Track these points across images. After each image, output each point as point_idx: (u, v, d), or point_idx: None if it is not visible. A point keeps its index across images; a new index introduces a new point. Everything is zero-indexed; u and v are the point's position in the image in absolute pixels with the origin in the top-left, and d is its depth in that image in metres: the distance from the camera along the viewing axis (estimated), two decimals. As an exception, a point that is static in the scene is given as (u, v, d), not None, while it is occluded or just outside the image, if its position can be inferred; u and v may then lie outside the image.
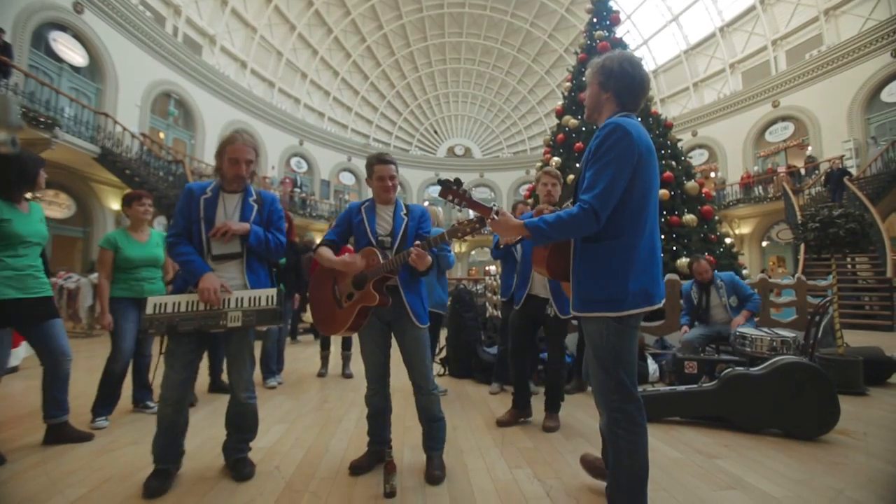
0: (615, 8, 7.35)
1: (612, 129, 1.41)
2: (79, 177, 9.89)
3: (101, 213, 10.52)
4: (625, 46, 6.79)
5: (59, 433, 2.37)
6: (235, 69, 16.33)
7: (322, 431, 2.66)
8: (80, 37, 10.33)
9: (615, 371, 1.47)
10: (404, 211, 2.12)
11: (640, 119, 2.00)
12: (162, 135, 12.91)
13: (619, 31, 7.16)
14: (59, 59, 9.91)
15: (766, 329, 3.38)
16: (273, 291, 1.97)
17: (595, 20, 7.15)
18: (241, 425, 2.07)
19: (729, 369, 2.76)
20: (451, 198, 1.56)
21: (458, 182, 1.57)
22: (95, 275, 6.34)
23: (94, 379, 2.76)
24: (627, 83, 1.51)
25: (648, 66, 17.96)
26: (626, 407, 1.46)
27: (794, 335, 3.13)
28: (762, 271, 12.33)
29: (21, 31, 8.77)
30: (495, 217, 1.50)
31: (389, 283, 1.98)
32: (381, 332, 2.07)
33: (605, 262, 1.44)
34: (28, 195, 2.39)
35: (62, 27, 9.96)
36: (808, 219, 3.73)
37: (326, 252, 2.03)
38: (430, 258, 1.90)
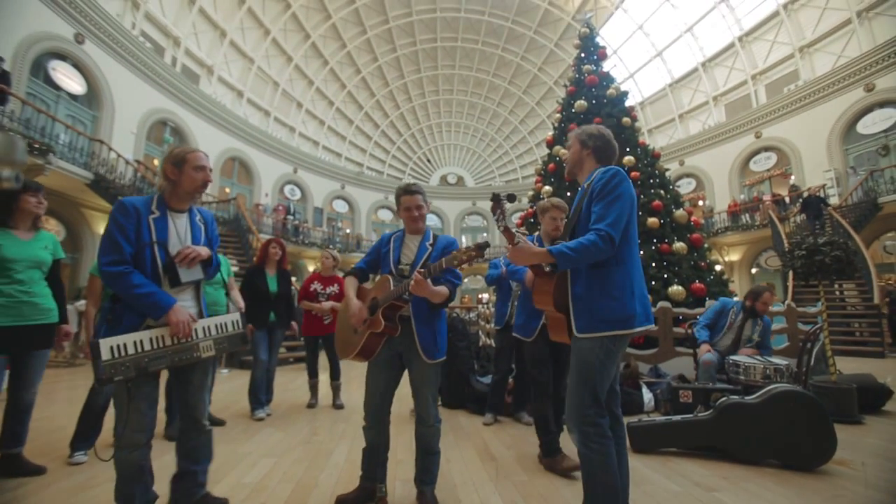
0: (602, 44, 7.66)
1: (615, 172, 1.66)
2: (70, 202, 9.84)
3: (91, 239, 10.41)
4: (612, 80, 7.04)
5: (10, 465, 2.27)
6: (232, 98, 16.60)
7: (311, 465, 2.58)
8: (79, 66, 10.49)
9: (594, 386, 1.60)
10: (430, 241, 2.12)
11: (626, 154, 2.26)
12: (156, 162, 12.95)
13: (606, 66, 7.43)
14: (57, 87, 10.02)
15: (758, 357, 3.38)
16: (236, 316, 1.91)
17: (583, 55, 7.42)
18: (203, 455, 1.89)
19: (724, 398, 2.74)
20: (497, 213, 1.65)
21: (512, 197, 1.63)
22: (82, 302, 6.21)
23: (74, 411, 2.67)
24: (603, 144, 1.80)
25: (635, 98, 18.58)
26: (599, 421, 1.60)
27: (786, 363, 3.13)
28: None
29: (21, 59, 8.89)
30: (520, 243, 1.62)
31: (402, 313, 1.97)
32: (388, 360, 2.03)
33: (615, 286, 1.61)
34: (49, 225, 2.37)
35: (62, 56, 10.11)
36: (794, 246, 3.81)
37: (348, 282, 2.12)
38: (442, 288, 1.92)
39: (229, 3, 15.48)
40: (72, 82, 10.37)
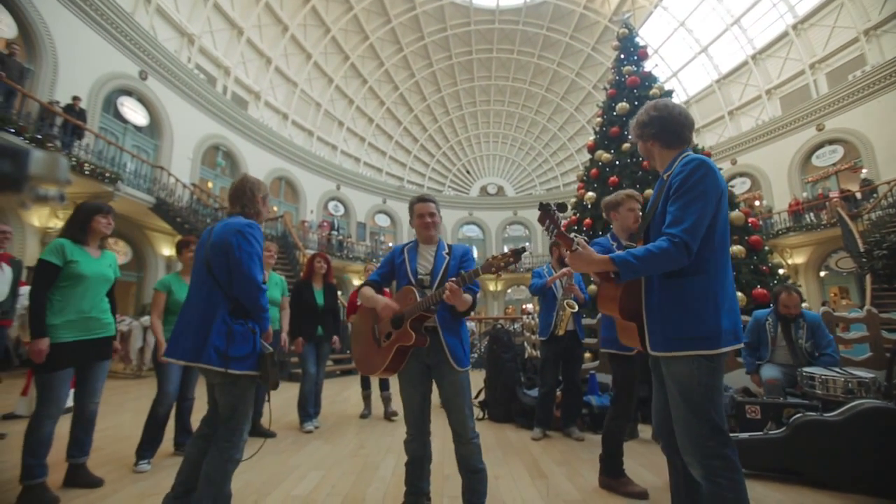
0: (642, 43, 7.41)
1: (697, 165, 1.43)
2: (135, 225, 10.64)
3: (154, 259, 11.19)
4: (654, 80, 6.77)
5: (74, 475, 2.39)
6: (278, 121, 17.47)
7: (358, 479, 2.58)
8: (143, 100, 11.44)
9: (708, 414, 1.37)
10: (446, 250, 2.09)
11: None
12: (210, 184, 13.81)
13: (648, 66, 7.17)
14: (124, 121, 10.96)
15: (838, 369, 3.05)
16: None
17: (622, 56, 7.20)
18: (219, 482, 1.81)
19: (799, 414, 2.49)
20: (547, 223, 1.55)
21: (563, 207, 1.56)
22: (146, 317, 6.64)
23: (140, 421, 2.82)
24: (661, 125, 1.56)
25: (680, 97, 17.83)
26: (725, 452, 1.36)
27: (871, 375, 2.81)
28: (823, 304, 11.44)
29: (95, 97, 9.83)
30: (578, 249, 1.47)
31: (428, 324, 1.94)
32: (420, 374, 1.99)
33: (695, 298, 1.40)
34: (118, 247, 2.54)
35: (128, 92, 11.08)
36: (872, 246, 3.45)
37: (368, 290, 2.04)
38: (468, 296, 1.86)
39: (273, 32, 16.39)
40: (137, 115, 11.30)
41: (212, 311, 1.80)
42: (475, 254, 3.72)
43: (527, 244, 23.27)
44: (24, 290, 4.02)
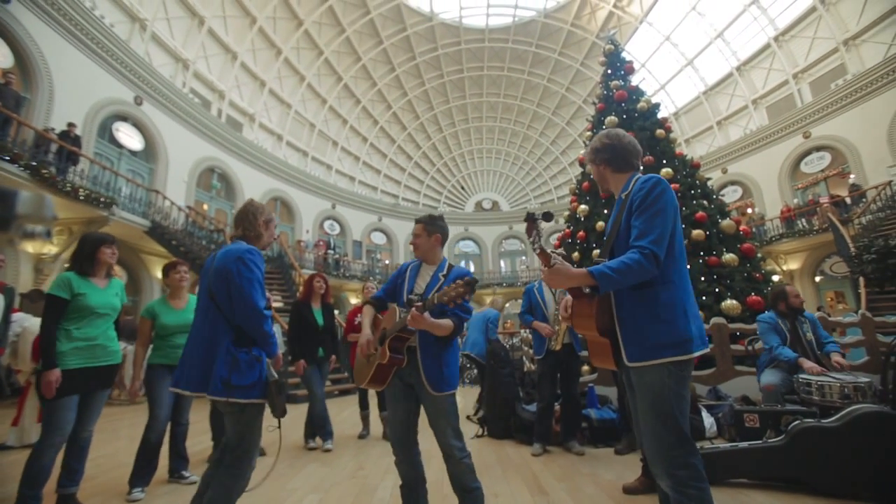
0: (628, 58, 7.58)
1: (656, 182, 1.53)
2: (130, 249, 10.61)
3: (149, 282, 11.13)
4: (642, 93, 6.91)
5: None
6: (272, 142, 17.61)
7: (356, 501, 2.54)
8: (138, 125, 11.53)
9: (676, 422, 1.41)
10: (444, 271, 2.09)
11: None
12: (206, 206, 13.83)
13: (635, 80, 7.32)
14: (119, 145, 11.02)
15: (834, 374, 3.06)
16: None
17: (609, 71, 7.36)
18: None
19: (797, 421, 2.49)
20: (533, 234, 1.59)
21: (548, 216, 1.57)
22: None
23: (134, 448, 2.77)
24: (612, 151, 1.69)
25: (668, 109, 18.15)
26: (691, 461, 1.39)
27: (868, 380, 2.81)
28: (818, 308, 11.46)
29: (90, 123, 9.90)
30: (556, 264, 1.47)
31: (410, 344, 1.94)
32: (402, 392, 1.99)
33: (664, 307, 1.46)
34: (115, 270, 2.57)
35: (123, 118, 11.17)
36: (862, 250, 3.50)
37: (365, 311, 2.14)
38: (446, 322, 1.88)
39: (267, 56, 16.65)
40: (132, 140, 11.37)
41: (216, 340, 1.81)
42: (472, 269, 3.74)
43: (522, 258, 23.45)
44: (16, 317, 3.98)
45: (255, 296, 1.81)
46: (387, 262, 20.78)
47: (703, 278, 5.07)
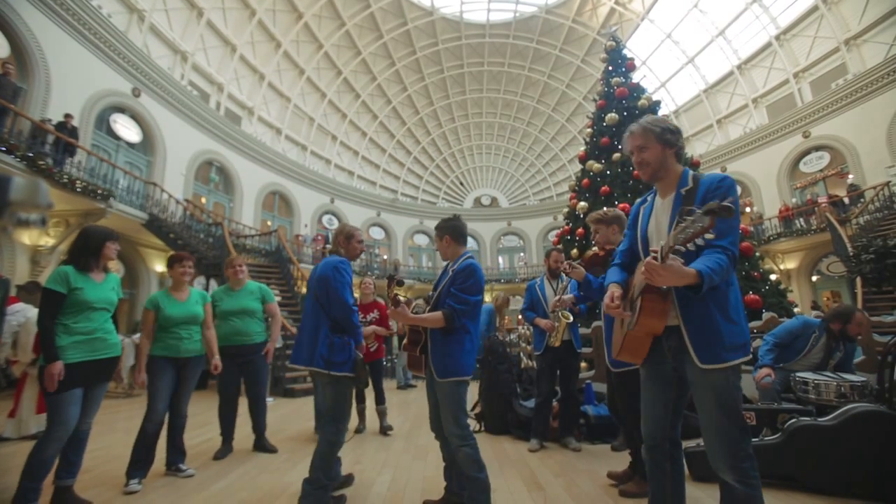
0: (629, 55, 7.56)
1: (732, 183, 1.50)
2: (128, 242, 10.57)
3: (147, 275, 11.11)
4: (643, 91, 6.90)
5: (60, 499, 2.33)
6: (271, 136, 17.53)
7: (354, 495, 2.54)
8: (136, 117, 11.46)
9: (740, 416, 1.46)
10: (454, 266, 2.25)
11: None
12: (203, 199, 13.78)
13: (636, 77, 7.30)
14: (117, 137, 10.96)
15: (830, 373, 3.07)
16: None
17: (610, 68, 7.34)
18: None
19: (793, 419, 2.50)
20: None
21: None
22: (138, 335, 6.56)
23: (131, 440, 2.77)
24: (679, 142, 1.64)
25: (669, 107, 18.14)
26: (751, 452, 1.45)
27: (864, 379, 2.83)
28: (814, 306, 11.52)
29: (88, 115, 9.82)
30: (672, 265, 1.34)
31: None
32: (429, 378, 2.25)
33: (733, 308, 1.49)
34: (111, 265, 2.57)
35: (121, 109, 11.10)
36: (860, 250, 3.50)
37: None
38: (435, 315, 2.11)
39: (266, 49, 16.54)
40: (129, 132, 11.30)
41: (319, 327, 2.34)
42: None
43: (521, 254, 23.47)
44: (18, 307, 3.96)
45: (345, 295, 2.33)
46: (385, 256, 20.76)
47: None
